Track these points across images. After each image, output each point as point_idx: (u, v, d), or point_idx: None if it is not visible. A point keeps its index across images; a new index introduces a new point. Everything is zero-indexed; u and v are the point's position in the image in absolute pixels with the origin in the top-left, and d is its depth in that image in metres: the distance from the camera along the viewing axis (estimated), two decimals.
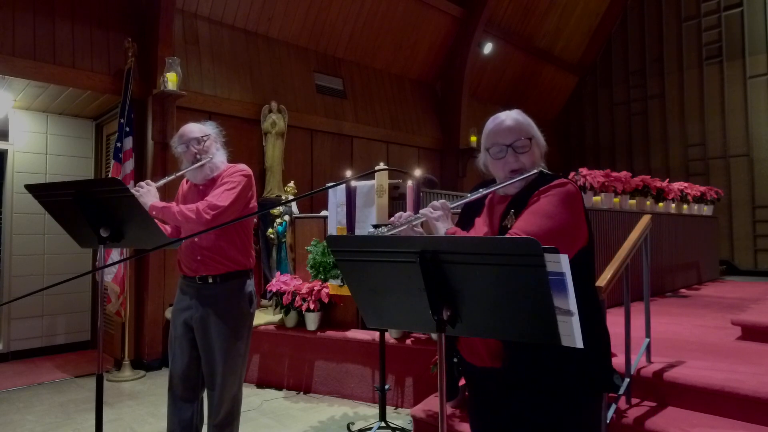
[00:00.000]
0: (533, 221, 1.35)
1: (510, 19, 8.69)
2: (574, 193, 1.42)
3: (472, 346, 1.50)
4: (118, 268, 4.52)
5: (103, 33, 4.88)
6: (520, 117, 1.52)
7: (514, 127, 1.49)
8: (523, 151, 1.48)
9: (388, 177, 3.20)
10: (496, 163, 1.52)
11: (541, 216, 1.36)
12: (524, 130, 1.50)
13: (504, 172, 1.50)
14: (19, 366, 5.01)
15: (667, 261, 5.78)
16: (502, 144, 1.49)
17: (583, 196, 1.48)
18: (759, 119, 8.56)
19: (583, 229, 1.43)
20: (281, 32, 6.31)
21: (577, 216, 1.41)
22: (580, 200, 1.43)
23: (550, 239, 1.29)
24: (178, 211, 2.26)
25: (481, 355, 1.46)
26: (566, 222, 1.37)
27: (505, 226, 1.45)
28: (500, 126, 1.51)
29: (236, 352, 2.37)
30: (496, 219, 1.51)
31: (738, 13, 8.79)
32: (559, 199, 1.38)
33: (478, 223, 1.57)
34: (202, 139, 2.43)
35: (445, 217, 1.49)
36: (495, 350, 1.42)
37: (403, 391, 3.68)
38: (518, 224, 1.37)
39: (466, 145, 8.11)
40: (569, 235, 1.38)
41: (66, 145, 5.66)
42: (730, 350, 3.12)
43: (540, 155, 1.53)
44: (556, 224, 1.35)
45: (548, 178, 1.46)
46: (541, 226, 1.34)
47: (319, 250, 4.06)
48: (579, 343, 1.00)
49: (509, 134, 1.49)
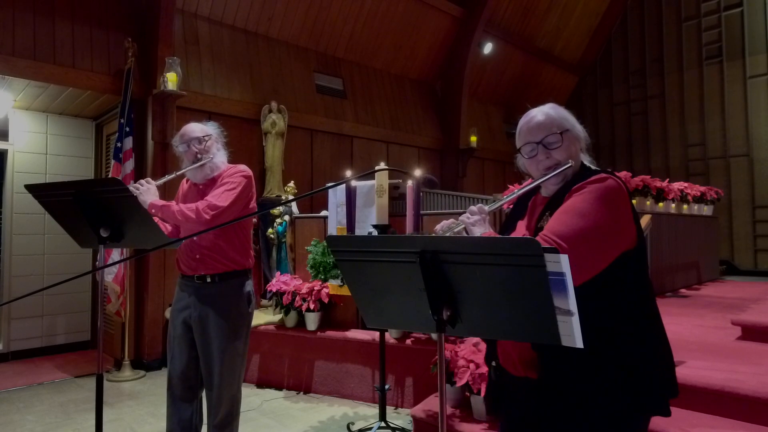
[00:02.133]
0: (564, 221, 1.23)
1: (510, 19, 8.69)
2: (616, 189, 1.27)
3: (506, 352, 1.38)
4: (118, 268, 4.52)
5: (103, 33, 4.88)
6: (551, 111, 1.41)
7: (544, 122, 1.39)
8: (555, 147, 1.37)
9: (388, 177, 3.20)
10: (530, 163, 1.43)
11: (573, 214, 1.23)
12: (556, 124, 1.38)
13: (538, 171, 1.40)
14: (19, 366, 5.01)
15: (667, 261, 5.77)
16: (533, 141, 1.39)
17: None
18: (759, 119, 8.56)
19: (629, 229, 1.27)
20: (281, 32, 6.31)
21: (618, 214, 1.25)
22: (623, 196, 1.27)
23: (583, 240, 1.19)
24: (177, 211, 2.26)
25: (514, 361, 1.35)
26: (602, 220, 1.22)
27: (540, 227, 1.33)
28: (530, 123, 1.41)
29: (235, 352, 2.37)
30: (534, 221, 1.41)
31: (738, 13, 8.79)
32: (596, 195, 1.25)
33: (519, 226, 1.47)
34: (204, 139, 2.43)
35: (482, 221, 1.38)
36: (529, 359, 1.30)
37: (403, 391, 3.68)
38: (549, 225, 1.26)
39: (466, 145, 8.11)
40: (607, 234, 1.23)
41: (66, 145, 5.66)
42: (730, 350, 3.12)
43: (579, 148, 1.41)
44: (589, 223, 1.21)
45: (589, 172, 1.34)
46: (573, 225, 1.21)
47: (319, 250, 4.06)
48: (579, 344, 1.00)
49: (539, 130, 1.39)
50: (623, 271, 1.26)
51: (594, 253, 1.22)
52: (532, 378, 1.30)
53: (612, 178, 1.29)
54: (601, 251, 1.23)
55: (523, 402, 1.37)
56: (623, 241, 1.27)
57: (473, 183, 8.51)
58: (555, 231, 1.21)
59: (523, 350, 1.32)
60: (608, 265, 1.24)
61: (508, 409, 1.47)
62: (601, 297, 1.24)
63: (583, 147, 1.43)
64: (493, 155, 9.03)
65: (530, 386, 1.31)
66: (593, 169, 1.39)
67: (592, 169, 1.40)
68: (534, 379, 1.30)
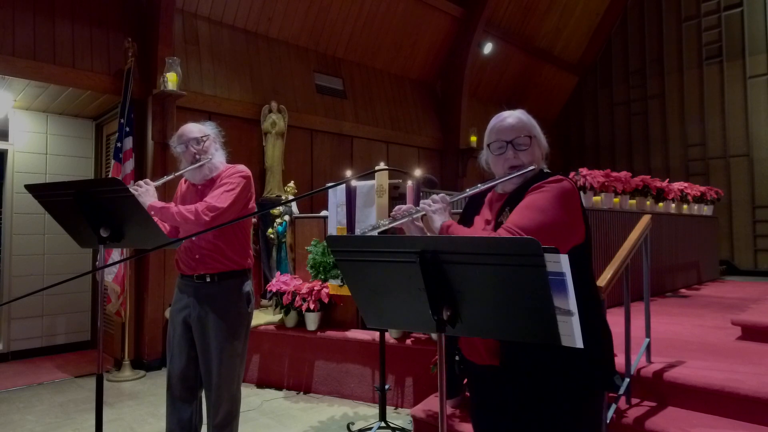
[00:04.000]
0: (526, 215, 1.36)
1: (510, 19, 8.69)
2: (570, 190, 1.41)
3: (472, 343, 1.50)
4: (118, 268, 4.52)
5: (103, 33, 4.88)
6: (523, 116, 1.54)
7: (516, 124, 1.52)
8: (523, 149, 1.50)
9: (388, 177, 3.20)
10: (496, 159, 1.54)
11: (534, 210, 1.36)
12: (526, 129, 1.52)
13: (503, 168, 1.52)
14: (19, 366, 5.01)
15: (667, 261, 5.78)
16: (503, 140, 1.51)
17: (581, 194, 1.47)
18: (759, 119, 8.56)
19: (579, 226, 1.42)
20: (281, 32, 6.31)
21: (572, 212, 1.40)
22: (575, 197, 1.42)
23: (542, 233, 1.29)
24: (176, 212, 2.26)
25: (480, 352, 1.47)
26: (559, 217, 1.36)
27: (500, 222, 1.45)
28: (503, 123, 1.53)
29: (234, 352, 2.37)
30: (493, 216, 1.52)
31: (738, 13, 8.79)
32: (554, 194, 1.38)
33: (477, 221, 1.58)
34: (202, 140, 2.43)
35: (443, 210, 1.50)
36: (493, 347, 1.42)
37: (403, 391, 3.68)
38: (511, 218, 1.38)
39: (466, 145, 8.11)
40: (563, 230, 1.37)
41: (66, 145, 5.66)
42: (730, 350, 3.12)
43: (541, 155, 1.55)
44: (548, 219, 1.34)
45: (546, 176, 1.47)
46: (533, 219, 1.34)
47: (319, 250, 4.06)
48: (579, 343, 1.00)
49: (511, 131, 1.51)
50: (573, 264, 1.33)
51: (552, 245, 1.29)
52: (495, 365, 1.42)
53: (567, 180, 1.44)
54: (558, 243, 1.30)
55: (489, 388, 1.50)
56: (575, 236, 1.41)
57: (473, 183, 8.38)
58: (517, 224, 1.33)
59: (489, 341, 1.43)
60: None
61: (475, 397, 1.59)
62: None
63: (544, 155, 1.57)
64: None
65: (494, 373, 1.44)
66: (550, 173, 1.51)
67: (548, 172, 1.52)
68: (497, 366, 1.42)
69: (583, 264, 1.43)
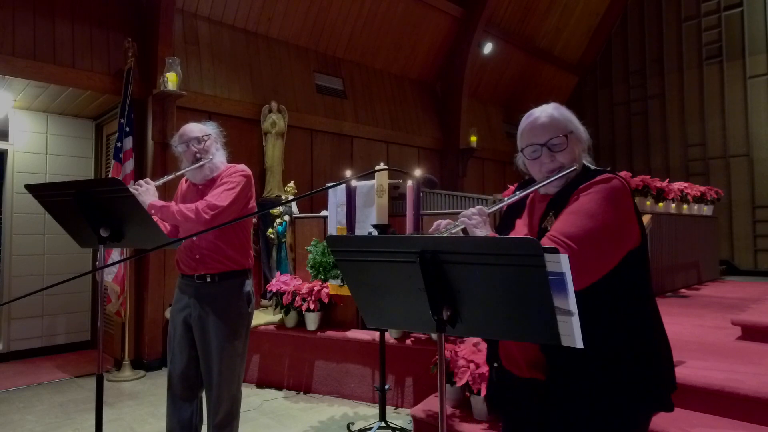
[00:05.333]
0: (573, 221, 1.23)
1: (510, 19, 8.69)
2: (620, 189, 1.27)
3: (509, 352, 1.38)
4: (118, 268, 4.52)
5: (103, 33, 4.88)
6: (555, 112, 1.40)
7: (548, 124, 1.38)
8: (560, 149, 1.36)
9: (388, 177, 3.19)
10: (532, 164, 1.42)
11: (582, 215, 1.23)
12: (560, 126, 1.37)
13: (541, 172, 1.40)
14: (19, 366, 5.01)
15: (667, 261, 5.77)
16: (537, 143, 1.38)
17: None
18: (759, 119, 8.56)
19: (633, 229, 1.28)
20: (281, 32, 6.31)
21: (624, 214, 1.26)
22: (627, 196, 1.28)
23: (592, 240, 1.20)
24: (177, 211, 2.25)
25: (519, 363, 1.35)
26: (610, 221, 1.23)
27: (544, 228, 1.33)
28: (534, 124, 1.40)
29: (234, 352, 2.37)
30: (536, 220, 1.40)
31: (738, 13, 8.79)
32: (603, 196, 1.25)
33: (519, 225, 1.46)
34: (203, 139, 2.43)
35: (483, 222, 1.35)
36: (534, 359, 1.30)
37: (403, 391, 3.68)
38: (556, 225, 1.26)
39: (466, 145, 8.11)
40: (615, 235, 1.24)
41: (66, 145, 5.66)
42: (730, 350, 3.12)
43: (582, 150, 1.41)
44: (598, 224, 1.21)
45: (592, 173, 1.34)
46: (582, 226, 1.21)
47: (319, 250, 4.06)
48: (579, 344, 1.00)
49: (543, 132, 1.37)
50: (627, 270, 1.27)
51: (604, 254, 1.23)
52: (539, 379, 1.30)
53: (617, 178, 1.30)
54: (610, 251, 1.24)
55: (528, 403, 1.36)
56: (629, 241, 1.28)
57: (473, 183, 8.51)
58: (564, 232, 1.21)
59: (528, 352, 1.31)
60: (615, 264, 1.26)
61: (511, 410, 1.47)
62: (606, 295, 1.25)
63: (585, 148, 1.42)
64: (493, 155, 9.03)
65: (537, 387, 1.31)
66: (595, 170, 1.38)
67: (593, 169, 1.39)
68: (541, 380, 1.29)
69: (637, 269, 1.30)
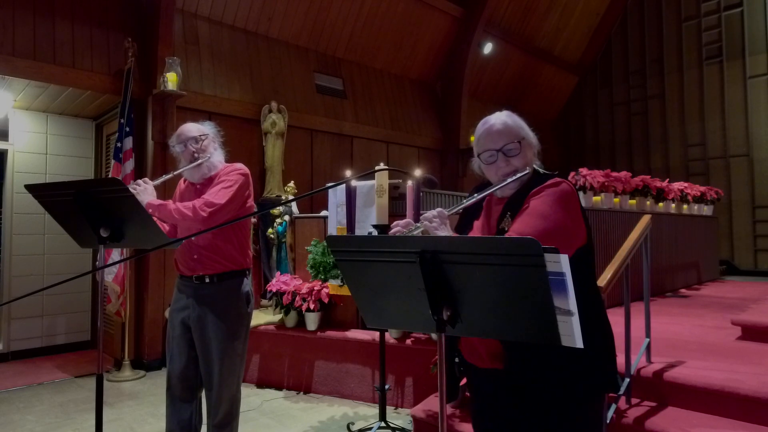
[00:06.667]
0: (528, 222, 1.35)
1: (510, 19, 8.69)
2: (569, 192, 1.41)
3: (472, 346, 1.49)
4: (118, 268, 4.52)
5: (103, 33, 4.88)
6: (509, 120, 1.51)
7: (503, 130, 1.49)
8: (514, 154, 1.48)
9: (388, 177, 3.20)
10: (488, 168, 1.53)
11: (536, 217, 1.36)
12: (513, 133, 1.49)
13: (497, 176, 1.51)
14: (19, 366, 5.01)
15: (667, 261, 5.78)
16: (492, 149, 1.49)
17: (580, 194, 1.44)
18: (759, 119, 8.56)
19: (581, 228, 1.42)
20: (281, 32, 6.31)
21: (573, 214, 1.40)
22: (575, 198, 1.42)
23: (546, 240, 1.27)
24: (174, 209, 2.25)
25: (481, 355, 1.45)
26: (561, 221, 1.36)
27: (502, 228, 1.44)
28: (490, 130, 1.51)
29: (234, 352, 2.37)
30: (494, 221, 1.51)
31: (738, 13, 8.79)
32: (553, 198, 1.38)
33: (476, 226, 1.57)
34: (200, 139, 2.43)
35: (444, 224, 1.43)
36: (495, 351, 1.41)
37: (403, 391, 3.68)
38: (514, 227, 1.38)
39: (466, 145, 8.10)
40: (566, 234, 1.37)
41: (66, 145, 5.66)
42: (730, 350, 3.12)
43: (533, 155, 1.53)
44: (551, 224, 1.34)
45: (543, 177, 1.46)
46: (536, 227, 1.33)
47: (319, 250, 4.06)
48: (579, 343, 1.00)
49: (498, 138, 1.49)
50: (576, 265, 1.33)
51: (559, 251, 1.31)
52: (498, 368, 1.40)
53: (565, 182, 1.43)
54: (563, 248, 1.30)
55: (491, 392, 1.49)
56: (578, 238, 1.41)
57: (473, 183, 8.48)
58: (521, 232, 1.33)
59: (490, 344, 1.42)
60: None
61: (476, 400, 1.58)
62: None
63: (536, 153, 1.54)
64: None
65: (497, 376, 1.42)
66: (545, 173, 1.49)
67: (542, 173, 1.50)
68: (500, 370, 1.40)
69: (585, 265, 1.42)
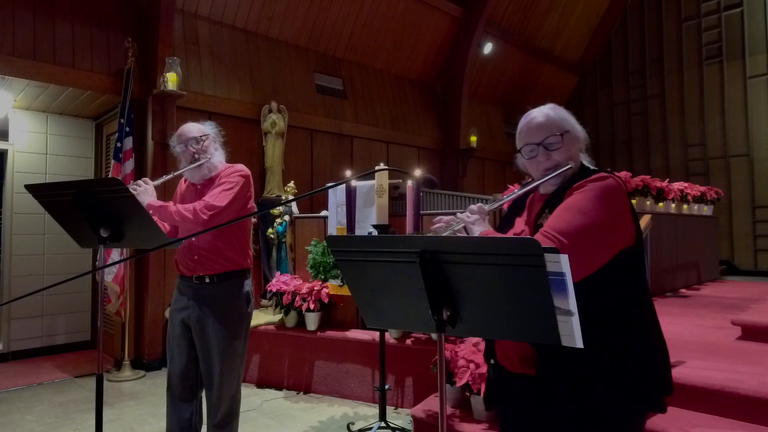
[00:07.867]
0: (564, 217, 1.26)
1: (510, 19, 8.69)
2: (614, 187, 1.29)
3: (504, 348, 1.41)
4: (118, 268, 4.52)
5: (103, 33, 4.88)
6: (551, 112, 1.43)
7: (544, 123, 1.41)
8: (555, 148, 1.39)
9: (388, 177, 3.20)
10: (530, 163, 1.45)
11: (573, 212, 1.26)
12: (556, 125, 1.40)
13: (538, 171, 1.43)
14: (19, 366, 5.01)
15: (667, 261, 5.77)
16: (533, 143, 1.41)
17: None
18: (759, 119, 8.56)
19: (627, 228, 1.29)
20: (281, 32, 6.31)
21: (617, 212, 1.28)
22: (621, 195, 1.30)
23: (582, 236, 1.21)
24: (175, 211, 2.25)
25: (513, 359, 1.37)
26: (601, 218, 1.24)
27: (539, 224, 1.35)
28: (530, 124, 1.43)
29: (234, 352, 2.37)
30: (533, 217, 1.43)
31: (738, 13, 8.79)
32: (596, 193, 1.27)
33: (518, 223, 1.49)
34: (201, 139, 2.43)
35: (482, 220, 1.40)
36: (526, 354, 1.32)
37: (403, 391, 3.68)
38: (549, 221, 1.28)
39: (466, 145, 8.11)
40: (605, 232, 1.25)
41: (66, 145, 5.66)
42: (730, 350, 3.12)
43: (579, 149, 1.43)
44: (588, 220, 1.23)
45: (589, 172, 1.36)
46: (571, 222, 1.23)
47: (319, 250, 4.06)
48: (579, 344, 1.00)
49: (539, 132, 1.41)
50: (621, 269, 1.28)
51: (594, 250, 1.24)
52: (530, 374, 1.32)
53: (612, 177, 1.31)
54: (601, 248, 1.25)
55: (521, 398, 1.39)
56: (622, 239, 1.29)
57: (473, 183, 8.51)
58: (556, 227, 1.23)
59: (521, 347, 1.34)
60: (607, 262, 1.26)
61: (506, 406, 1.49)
62: (599, 294, 1.26)
63: (583, 147, 1.45)
64: (493, 155, 9.03)
65: (528, 382, 1.33)
66: (592, 169, 1.40)
67: (591, 168, 1.41)
68: (532, 376, 1.31)
69: (633, 269, 1.32)
